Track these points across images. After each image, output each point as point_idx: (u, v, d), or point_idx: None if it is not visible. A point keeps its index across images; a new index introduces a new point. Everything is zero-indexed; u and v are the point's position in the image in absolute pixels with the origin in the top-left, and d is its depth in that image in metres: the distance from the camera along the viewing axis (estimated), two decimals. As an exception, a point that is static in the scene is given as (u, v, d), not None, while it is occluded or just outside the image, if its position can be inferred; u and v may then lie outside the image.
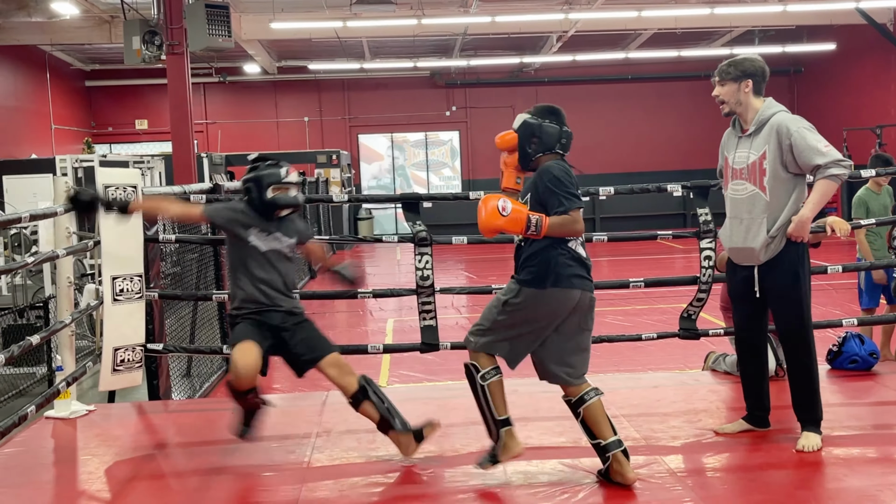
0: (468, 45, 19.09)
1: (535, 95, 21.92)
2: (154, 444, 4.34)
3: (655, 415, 4.55)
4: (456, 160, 22.39)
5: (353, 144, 22.10)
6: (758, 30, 18.58)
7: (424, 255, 4.96)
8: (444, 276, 12.39)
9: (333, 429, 4.49)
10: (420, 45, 18.83)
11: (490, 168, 21.98)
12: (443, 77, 21.77)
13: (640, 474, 3.69)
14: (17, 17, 14.25)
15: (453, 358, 7.24)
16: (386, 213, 21.58)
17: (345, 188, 19.24)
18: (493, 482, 3.71)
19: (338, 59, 19.49)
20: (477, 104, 22.01)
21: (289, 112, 21.81)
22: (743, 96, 3.98)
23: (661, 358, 6.99)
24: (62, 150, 18.34)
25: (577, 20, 15.42)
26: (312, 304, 10.60)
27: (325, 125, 21.91)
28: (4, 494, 3.77)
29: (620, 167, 21.28)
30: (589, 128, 21.93)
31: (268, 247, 4.03)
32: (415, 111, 21.96)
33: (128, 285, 4.61)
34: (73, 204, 3.97)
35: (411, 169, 22.51)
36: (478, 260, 15.21)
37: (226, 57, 18.60)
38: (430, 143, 22.42)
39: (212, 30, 11.18)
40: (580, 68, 20.84)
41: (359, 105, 22.00)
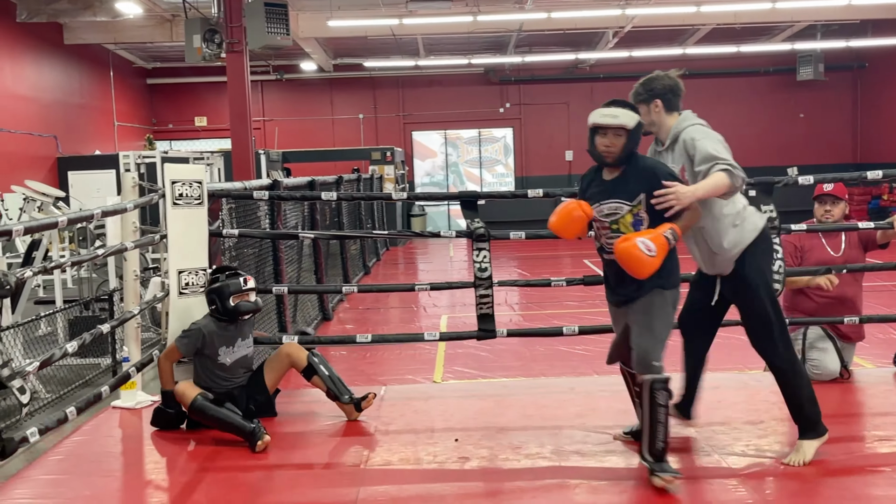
0: (523, 42, 19.01)
1: (589, 92, 21.76)
2: (217, 436, 4.42)
3: (716, 414, 4.49)
4: (509, 157, 22.34)
5: (407, 141, 22.19)
6: (821, 24, 18.15)
7: (482, 251, 4.98)
8: (497, 272, 12.33)
9: (392, 423, 4.53)
10: (475, 42, 18.81)
11: (543, 164, 21.90)
12: (497, 74, 21.73)
13: (701, 475, 3.64)
14: (83, 16, 14.61)
15: (507, 355, 7.27)
16: (439, 210, 21.63)
17: (398, 185, 19.34)
18: (552, 480, 3.70)
19: (393, 57, 19.59)
20: (531, 101, 21.92)
21: (344, 109, 22.00)
22: (655, 116, 3.84)
23: (721, 358, 6.83)
24: (124, 146, 18.79)
25: (635, 15, 15.26)
26: (366, 299, 10.72)
27: (379, 122, 22.05)
28: (75, 481, 3.88)
29: (677, 164, 20.99)
30: (644, 124, 21.72)
31: (233, 359, 4.49)
32: (468, 108, 21.95)
33: (193, 279, 4.71)
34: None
35: (464, 166, 22.52)
36: (530, 258, 15.16)
37: (283, 55, 18.83)
38: (483, 140, 22.40)
39: (270, 28, 11.34)
40: (636, 64, 20.55)
41: (413, 102, 22.08)
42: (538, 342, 7.54)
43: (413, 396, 5.14)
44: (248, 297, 4.46)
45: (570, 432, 4.30)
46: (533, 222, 22.67)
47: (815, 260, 5.10)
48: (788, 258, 5.07)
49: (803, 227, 5.06)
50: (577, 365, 6.96)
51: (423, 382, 6.65)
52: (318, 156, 19.52)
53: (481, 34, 17.08)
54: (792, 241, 5.15)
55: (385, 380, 6.65)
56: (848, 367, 5.10)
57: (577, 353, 7.19)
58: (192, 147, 20.71)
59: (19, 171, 13.79)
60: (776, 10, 15.11)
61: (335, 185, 11.33)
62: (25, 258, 8.49)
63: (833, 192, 5.07)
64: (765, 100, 21.56)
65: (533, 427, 4.41)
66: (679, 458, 3.87)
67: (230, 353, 4.47)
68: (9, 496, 3.66)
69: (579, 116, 21.87)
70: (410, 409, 4.79)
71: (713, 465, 3.81)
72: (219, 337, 4.44)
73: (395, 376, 6.84)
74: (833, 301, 5.06)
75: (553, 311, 9.43)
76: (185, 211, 4.73)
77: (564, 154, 22.01)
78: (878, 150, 20.54)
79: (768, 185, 4.98)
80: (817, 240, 5.17)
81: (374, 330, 8.91)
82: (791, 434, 4.29)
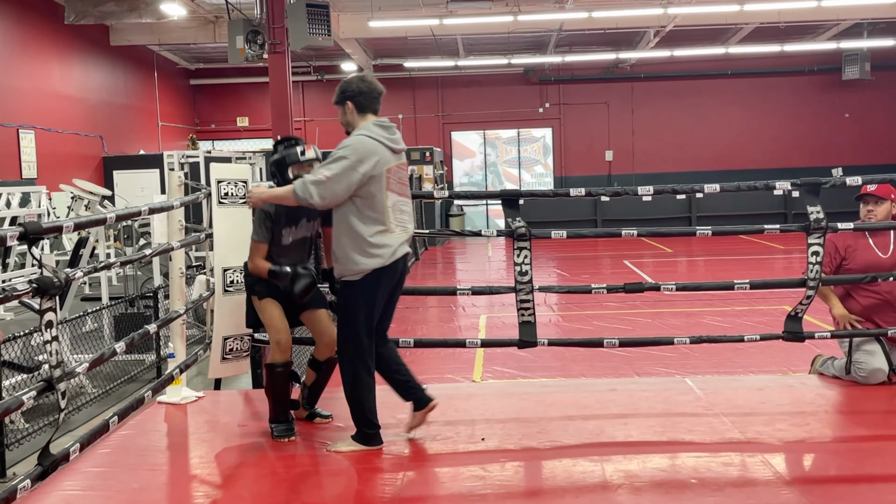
0: (563, 41, 18.95)
1: (630, 91, 21.63)
2: (260, 431, 4.47)
3: (761, 417, 4.44)
4: (548, 157, 22.27)
5: (446, 141, 22.23)
6: (867, 22, 17.82)
7: (523, 251, 4.95)
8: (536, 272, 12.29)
9: (433, 421, 4.54)
10: (514, 42, 18.79)
11: (582, 165, 21.80)
12: (536, 73, 21.68)
13: (747, 477, 3.61)
14: (129, 18, 14.87)
15: (546, 355, 7.24)
16: (477, 210, 21.64)
17: (437, 184, 19.38)
18: (594, 480, 3.69)
19: (432, 57, 19.64)
20: (571, 101, 21.83)
21: (384, 109, 21.68)
22: (350, 117, 4.13)
23: (763, 360, 6.81)
24: (168, 146, 19.09)
25: (677, 15, 15.13)
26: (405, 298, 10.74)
27: (418, 122, 22.12)
28: (122, 474, 3.96)
29: (718, 164, 20.77)
30: (686, 124, 21.52)
31: (294, 237, 4.34)
32: (507, 108, 21.94)
33: (238, 277, 4.77)
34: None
35: (503, 166, 22.50)
36: (570, 258, 15.10)
37: (324, 55, 18.97)
38: (522, 140, 22.36)
39: (312, 29, 11.45)
40: (678, 63, 20.43)
41: (452, 102, 22.12)
42: (578, 342, 7.50)
43: (454, 395, 5.15)
44: (308, 168, 4.24)
45: (611, 432, 4.28)
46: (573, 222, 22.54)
47: (863, 260, 5.01)
48: (828, 259, 5.00)
49: (850, 226, 4.97)
50: (618, 366, 6.92)
51: (463, 382, 6.66)
52: (358, 156, 19.61)
53: (521, 34, 17.06)
54: (834, 241, 5.07)
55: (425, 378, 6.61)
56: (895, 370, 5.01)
57: (617, 354, 7.14)
58: (234, 147, 20.96)
59: (67, 171, 14.08)
60: (821, 9, 14.88)
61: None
62: (73, 256, 8.67)
63: (876, 192, 4.99)
64: (809, 100, 21.23)
65: (574, 427, 4.40)
66: (722, 461, 3.84)
67: (291, 233, 4.33)
68: (58, 487, 3.74)
69: (619, 116, 21.84)
70: (451, 408, 4.80)
71: (758, 464, 3.77)
72: (283, 216, 4.26)
73: (435, 375, 6.85)
74: (881, 303, 4.98)
75: (592, 312, 9.38)
76: (231, 210, 4.80)
77: (604, 154, 21.89)
78: (926, 151, 20.14)
79: (815, 186, 4.91)
80: (864, 240, 5.08)
81: (413, 329, 8.94)
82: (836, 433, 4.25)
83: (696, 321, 8.65)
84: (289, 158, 4.25)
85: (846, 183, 4.94)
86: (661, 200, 19.88)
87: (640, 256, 14.99)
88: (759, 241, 16.49)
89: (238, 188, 4.80)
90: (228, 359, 4.74)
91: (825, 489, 3.58)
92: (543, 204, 18.66)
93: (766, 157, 20.73)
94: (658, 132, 21.61)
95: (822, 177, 5.00)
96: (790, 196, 18.26)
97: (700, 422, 4.39)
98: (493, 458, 3.98)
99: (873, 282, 4.94)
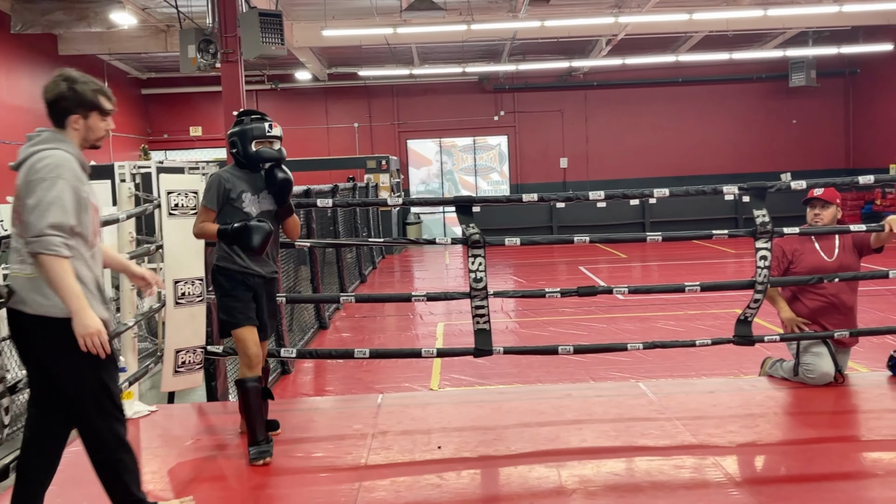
0: (517, 50, 19.08)
1: (584, 99, 21.85)
2: (214, 444, 4.43)
3: (712, 419, 4.51)
4: (504, 165, 22.38)
5: (402, 149, 22.23)
6: (812, 31, 18.24)
7: (478, 258, 4.96)
8: (493, 279, 12.40)
9: (389, 430, 4.54)
10: (469, 51, 18.87)
11: (538, 172, 21.95)
12: (491, 82, 21.79)
13: (698, 479, 3.66)
14: (78, 27, 14.61)
15: (504, 362, 7.27)
16: (434, 218, 21.66)
17: (394, 193, 19.36)
18: (549, 485, 3.71)
19: (387, 66, 19.64)
20: (525, 109, 21.98)
21: (339, 118, 22.04)
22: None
23: (714, 363, 6.91)
24: (119, 156, 18.78)
25: (628, 23, 15.32)
26: (363, 307, 10.73)
27: (374, 131, 22.09)
28: (72, 492, 3.88)
29: (671, 171, 21.06)
30: (639, 131, 21.79)
31: (259, 209, 4.17)
32: (463, 116, 22.01)
33: (189, 289, 4.72)
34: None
35: (460, 174, 22.55)
36: (526, 264, 15.19)
37: (278, 64, 18.86)
38: (478, 148, 22.44)
39: (265, 38, 11.36)
40: (630, 72, 20.68)
41: (408, 110, 22.13)
42: (534, 349, 7.55)
43: (410, 404, 5.14)
44: (271, 144, 4.17)
45: (566, 438, 4.32)
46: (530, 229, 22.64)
47: (809, 264, 5.12)
48: (775, 262, 5.10)
49: (795, 231, 5.08)
50: (574, 371, 6.98)
51: (420, 390, 6.66)
52: (313, 165, 19.53)
53: (475, 42, 17.15)
54: (781, 245, 5.17)
55: (382, 387, 6.66)
56: (842, 372, 5.13)
57: (573, 360, 7.20)
58: (187, 157, 20.71)
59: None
60: (768, 18, 15.19)
61: (330, 194, 11.34)
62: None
63: (822, 196, 5.11)
64: (757, 106, 21.64)
65: (530, 433, 4.43)
66: (674, 464, 3.89)
67: (255, 203, 4.15)
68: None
69: (574, 124, 22.04)
70: (407, 417, 4.80)
71: (709, 466, 3.83)
72: (240, 180, 4.15)
73: (392, 384, 6.84)
74: (827, 306, 5.09)
75: (549, 318, 9.44)
76: (181, 221, 4.75)
77: (559, 161, 22.07)
78: (871, 156, 20.63)
79: (761, 190, 5.01)
80: (810, 244, 5.19)
81: (370, 338, 8.92)
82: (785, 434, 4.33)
83: (651, 325, 8.75)
84: (255, 131, 4.14)
85: (791, 187, 5.05)
86: (615, 207, 20.10)
87: (596, 262, 15.13)
88: (712, 245, 16.75)
89: (188, 199, 4.76)
90: (181, 372, 4.68)
91: (774, 489, 3.64)
92: (500, 211, 18.75)
93: (717, 162, 21.08)
94: (612, 139, 21.86)
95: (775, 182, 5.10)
96: (741, 201, 18.59)
97: (653, 426, 4.44)
98: (450, 466, 3.99)
99: (819, 284, 5.05)
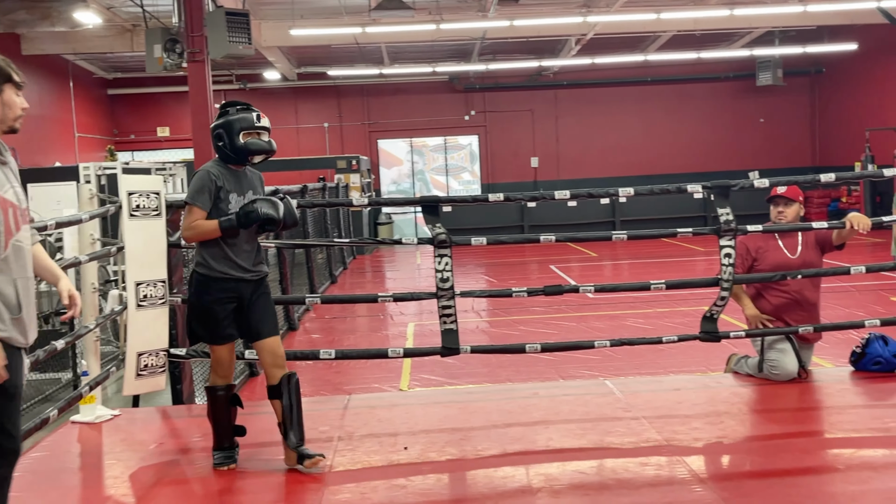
0: (486, 50, 19.09)
1: (553, 99, 21.92)
2: (178, 448, 4.37)
3: (677, 417, 4.54)
4: (475, 164, 22.40)
5: (373, 150, 22.17)
6: (778, 30, 18.45)
7: (444, 258, 4.94)
8: (464, 279, 12.39)
9: (355, 432, 4.51)
10: (438, 50, 18.86)
11: (509, 171, 22.00)
12: (461, 81, 21.80)
13: (663, 476, 3.67)
14: (42, 27, 14.43)
15: (474, 361, 7.27)
16: (406, 218, 21.62)
17: (364, 193, 19.30)
18: (515, 485, 3.71)
19: (357, 65, 19.57)
20: (496, 108, 22.01)
21: (309, 118, 21.94)
22: None
23: (683, 360, 6.96)
24: (85, 157, 18.53)
25: (596, 23, 15.39)
26: (333, 308, 10.67)
27: (344, 131, 22.01)
28: (32, 499, 3.81)
29: (640, 170, 21.20)
30: (609, 130, 21.91)
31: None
32: (434, 116, 22.00)
33: (151, 291, 4.66)
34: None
35: (431, 173, 22.54)
36: (497, 264, 15.20)
37: (246, 64, 18.71)
38: (449, 148, 22.44)
39: (232, 37, 11.26)
40: (599, 71, 20.79)
41: (378, 110, 22.07)
42: (504, 348, 7.55)
43: (377, 405, 5.12)
44: (260, 135, 3.92)
45: (533, 437, 4.31)
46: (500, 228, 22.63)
47: (772, 261, 5.17)
48: (740, 260, 5.14)
49: (759, 228, 5.12)
50: (543, 370, 6.99)
51: (390, 391, 6.64)
52: (283, 165, 19.38)
53: (445, 42, 17.14)
54: (745, 243, 5.22)
55: (351, 389, 6.63)
56: (806, 368, 5.17)
57: (543, 358, 7.22)
58: (154, 157, 20.50)
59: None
60: (734, 17, 15.35)
61: (300, 194, 11.27)
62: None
63: (786, 193, 5.15)
64: (725, 105, 21.85)
65: (497, 433, 4.42)
66: (639, 461, 3.90)
67: (239, 205, 3.90)
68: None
69: (544, 123, 22.11)
70: (374, 418, 4.77)
71: (674, 464, 3.84)
72: (228, 180, 3.89)
73: (362, 385, 6.81)
74: (791, 303, 5.14)
75: (519, 317, 9.46)
76: (143, 222, 4.68)
77: (530, 161, 22.12)
78: (836, 153, 20.92)
79: (725, 189, 5.04)
80: (773, 241, 5.24)
81: (340, 339, 8.88)
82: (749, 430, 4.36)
83: (620, 323, 8.79)
84: (243, 122, 3.88)
85: (754, 186, 5.08)
86: (585, 206, 20.19)
87: (567, 261, 15.18)
88: (681, 243, 16.88)
89: (150, 200, 4.69)
90: (143, 375, 4.62)
91: (737, 485, 3.67)
92: (471, 211, 18.76)
93: (686, 161, 21.25)
94: (582, 139, 21.96)
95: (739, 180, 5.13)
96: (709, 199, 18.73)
97: (619, 424, 4.45)
98: (416, 467, 3.97)
99: (783, 281, 5.09)
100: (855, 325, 5.58)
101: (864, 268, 5.39)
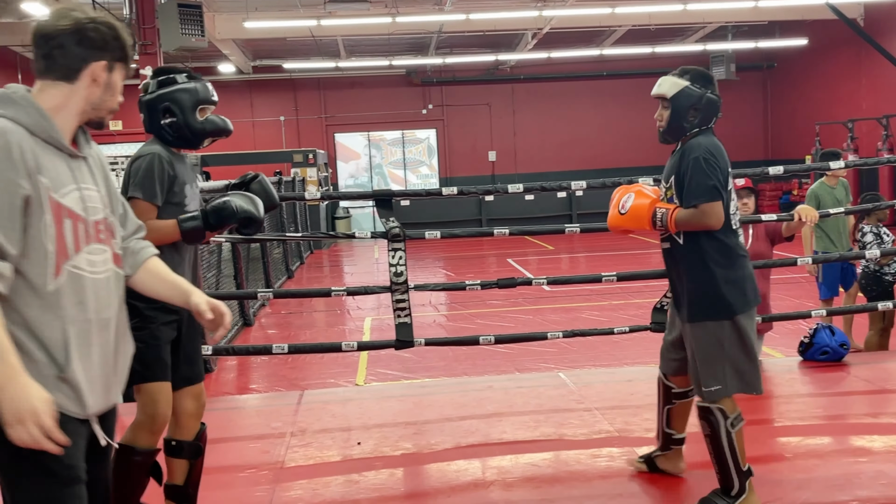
0: (443, 44, 19.08)
1: (511, 93, 21.99)
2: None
3: (630, 408, 4.58)
4: (433, 158, 22.39)
5: (330, 143, 22.04)
6: (731, 25, 18.70)
7: (398, 251, 4.93)
8: (421, 273, 12.38)
9: (308, 428, 4.48)
10: (395, 44, 18.79)
11: (467, 165, 22.02)
12: (419, 75, 21.76)
13: (614, 467, 3.71)
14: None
15: (431, 355, 7.27)
16: (364, 212, 21.53)
17: (321, 187, 19.17)
18: (467, 478, 3.71)
19: (313, 58, 19.42)
20: (453, 102, 22.01)
21: (264, 111, 21.73)
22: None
23: (637, 352, 7.03)
24: (35, 152, 18.14)
25: (552, 17, 15.46)
26: (290, 303, 10.59)
27: (301, 124, 21.84)
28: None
29: (597, 163, 21.36)
30: (565, 124, 22.05)
31: (197, 205, 3.11)
32: (391, 109, 21.93)
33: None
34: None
35: (388, 167, 22.48)
36: (455, 258, 15.22)
37: (200, 57, 18.43)
38: (407, 142, 22.40)
39: (185, 29, 11.11)
40: (555, 65, 20.90)
41: (335, 104, 21.94)
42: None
43: (331, 400, 5.09)
44: (203, 113, 3.14)
45: (486, 431, 4.32)
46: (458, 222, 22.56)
47: (722, 254, 5.22)
48: None
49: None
50: (500, 363, 7.01)
51: (346, 386, 6.60)
52: (239, 159, 19.20)
53: (401, 35, 17.08)
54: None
55: (307, 384, 6.58)
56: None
57: (499, 351, 7.24)
58: (107, 152, 20.12)
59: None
60: (688, 12, 15.53)
61: (254, 189, 11.16)
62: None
63: (748, 184, 5.22)
64: (680, 99, 22.09)
65: (451, 427, 4.42)
66: (591, 453, 3.93)
67: (194, 199, 3.09)
68: None
69: (501, 117, 22.17)
70: (328, 414, 4.75)
71: (625, 455, 3.88)
72: (179, 169, 3.04)
73: (317, 380, 6.77)
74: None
75: (476, 311, 9.47)
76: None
77: (487, 155, 22.17)
78: (787, 147, 21.30)
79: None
80: (724, 234, 5.29)
81: (296, 334, 8.81)
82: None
83: (576, 316, 8.85)
84: (199, 94, 3.10)
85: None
86: (543, 200, 20.28)
87: (525, 255, 15.24)
88: (636, 237, 17.02)
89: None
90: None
91: (687, 474, 3.71)
92: (429, 205, 18.75)
93: (642, 155, 21.42)
94: (539, 133, 22.06)
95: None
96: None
97: (572, 416, 4.48)
98: (369, 462, 3.96)
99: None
100: (803, 316, 5.68)
101: (810, 259, 5.49)
